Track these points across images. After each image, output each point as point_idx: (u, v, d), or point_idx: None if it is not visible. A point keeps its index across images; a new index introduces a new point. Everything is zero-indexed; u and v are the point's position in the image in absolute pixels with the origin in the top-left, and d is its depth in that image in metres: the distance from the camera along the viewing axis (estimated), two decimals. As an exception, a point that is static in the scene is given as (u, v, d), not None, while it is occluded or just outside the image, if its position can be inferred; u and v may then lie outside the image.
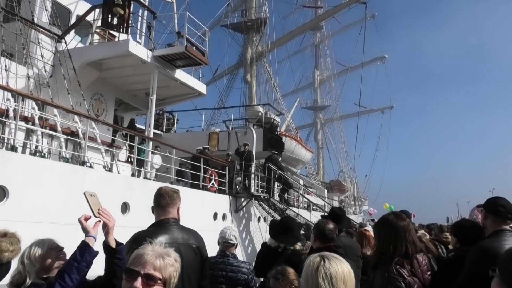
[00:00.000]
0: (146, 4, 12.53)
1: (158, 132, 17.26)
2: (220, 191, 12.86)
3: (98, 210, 2.31)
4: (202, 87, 14.14)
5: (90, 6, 11.86)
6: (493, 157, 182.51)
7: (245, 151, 14.75)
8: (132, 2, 11.05)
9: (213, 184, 12.71)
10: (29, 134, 8.35)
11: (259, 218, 14.30)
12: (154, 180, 10.63)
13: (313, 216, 16.14)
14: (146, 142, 11.31)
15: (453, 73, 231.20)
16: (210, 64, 18.60)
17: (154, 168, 11.08)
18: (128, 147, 12.60)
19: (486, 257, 2.56)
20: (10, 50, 9.51)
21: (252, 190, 14.13)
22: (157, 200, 2.86)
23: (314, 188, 28.67)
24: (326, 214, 5.93)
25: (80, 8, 11.94)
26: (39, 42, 9.98)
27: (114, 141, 11.96)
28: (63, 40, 10.61)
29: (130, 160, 12.05)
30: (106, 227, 2.31)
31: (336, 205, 26.82)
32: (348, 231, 10.16)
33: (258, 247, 5.77)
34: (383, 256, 2.55)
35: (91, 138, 9.26)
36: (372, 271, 2.63)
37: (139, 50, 11.15)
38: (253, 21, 28.68)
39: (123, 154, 12.79)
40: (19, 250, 2.61)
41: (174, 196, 2.87)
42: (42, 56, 9.87)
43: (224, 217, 12.31)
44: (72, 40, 11.25)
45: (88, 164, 8.33)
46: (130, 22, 11.18)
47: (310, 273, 1.77)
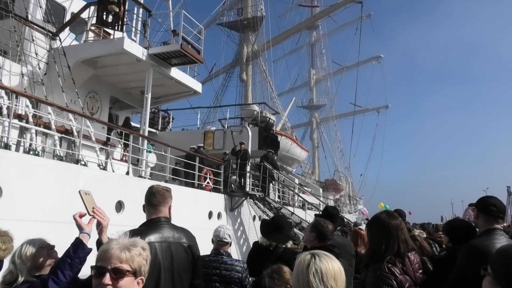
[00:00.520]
0: (142, 2, 12.48)
1: (153, 130, 17.23)
2: (215, 190, 12.86)
3: (93, 208, 2.33)
4: (197, 86, 14.12)
5: (85, 3, 11.81)
6: (486, 156, 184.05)
7: (241, 150, 14.75)
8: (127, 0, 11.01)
9: (208, 182, 12.71)
10: (23, 132, 8.31)
11: (254, 217, 14.32)
12: (149, 178, 10.61)
13: (308, 215, 16.21)
14: (141, 140, 11.27)
15: (446, 71, 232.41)
16: (205, 62, 18.63)
17: (149, 166, 11.07)
18: (123, 146, 12.55)
19: (477, 256, 2.60)
20: (4, 48, 9.45)
21: (247, 189, 14.15)
22: (148, 198, 2.82)
23: (309, 187, 28.73)
24: (320, 213, 5.94)
25: (74, 5, 11.87)
26: (33, 40, 9.92)
27: (108, 139, 11.91)
28: (58, 37, 10.55)
29: (125, 158, 12.01)
30: (100, 226, 2.32)
31: (331, 204, 26.85)
32: (343, 230, 10.22)
33: (253, 246, 5.76)
34: (375, 254, 2.57)
35: (86, 136, 9.22)
36: (364, 270, 2.65)
37: (134, 48, 11.10)
38: (249, 19, 28.65)
39: (118, 152, 12.75)
40: (11, 249, 2.60)
41: (166, 194, 2.84)
42: (36, 53, 9.81)
43: (219, 215, 12.32)
44: (66, 37, 11.18)
45: (82, 162, 8.30)
46: (125, 20, 11.14)
47: (301, 270, 1.79)
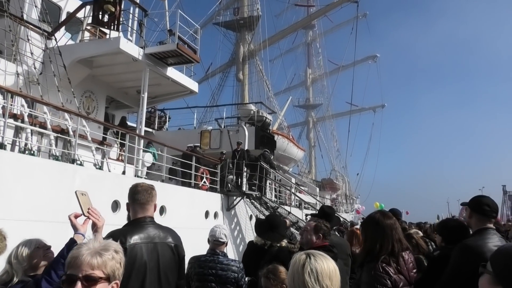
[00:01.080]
0: (137, 1, 12.46)
1: (150, 130, 17.21)
2: (212, 189, 12.86)
3: (88, 209, 2.32)
4: (194, 85, 14.11)
5: (80, 3, 11.76)
6: (482, 155, 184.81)
7: (238, 149, 14.75)
8: (123, -1, 10.99)
9: (204, 182, 12.70)
10: (18, 131, 8.27)
11: (251, 216, 14.32)
12: (145, 178, 10.60)
13: (304, 214, 16.22)
14: (137, 140, 11.26)
15: (442, 69, 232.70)
16: (202, 62, 18.60)
17: (145, 166, 11.05)
18: (119, 145, 12.53)
19: (471, 255, 2.62)
20: (-1, 47, 9.42)
21: (244, 188, 14.16)
22: (134, 196, 2.75)
23: (306, 186, 28.76)
24: (316, 212, 5.96)
25: (70, 5, 11.82)
26: (29, 39, 9.88)
27: (105, 139, 11.88)
28: (53, 37, 10.50)
29: (121, 158, 11.99)
30: (95, 226, 2.32)
31: (328, 203, 26.90)
32: (339, 229, 10.28)
33: (249, 246, 5.77)
34: (370, 254, 2.59)
35: (82, 136, 9.20)
36: (359, 269, 2.67)
37: (130, 47, 11.08)
38: (245, 19, 28.65)
39: (114, 152, 12.72)
40: (5, 247, 2.61)
41: (153, 193, 2.81)
42: (32, 53, 9.77)
43: (215, 215, 12.32)
44: (62, 37, 11.15)
45: (78, 162, 8.28)
46: (121, 19, 11.12)
47: (297, 270, 1.80)
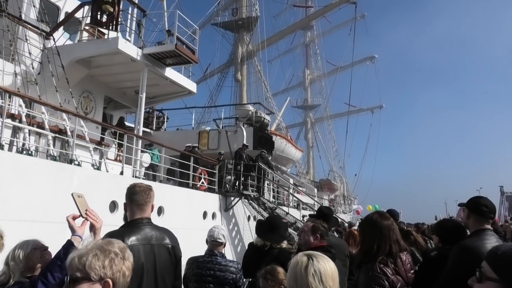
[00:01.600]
0: (136, 1, 12.44)
1: (148, 130, 17.19)
2: (210, 190, 12.85)
3: (86, 211, 2.32)
4: (192, 86, 14.11)
5: (79, 3, 11.75)
6: (480, 155, 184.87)
7: (243, 151, 14.75)
8: (121, -1, 10.97)
9: (203, 183, 12.69)
10: (16, 131, 8.24)
11: (249, 217, 14.32)
12: (143, 178, 10.58)
13: (302, 215, 16.24)
14: (135, 140, 11.23)
15: (439, 69, 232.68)
16: (200, 62, 18.63)
17: (143, 166, 11.03)
18: (117, 145, 12.50)
19: (469, 256, 2.62)
20: (-3, 47, 9.39)
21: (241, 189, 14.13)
22: (132, 197, 2.73)
23: (304, 187, 28.78)
24: (314, 213, 5.96)
25: (69, 5, 11.80)
26: (27, 39, 9.85)
27: (103, 139, 11.86)
28: (52, 37, 10.48)
29: (119, 158, 11.97)
30: (93, 228, 2.32)
31: (326, 204, 26.91)
32: (338, 230, 10.29)
33: (247, 246, 5.77)
34: (367, 255, 2.59)
35: (80, 136, 9.17)
36: (356, 270, 2.67)
37: (129, 48, 11.06)
38: (243, 19, 28.67)
39: (112, 152, 12.70)
40: (2, 246, 2.61)
41: (151, 193, 2.80)
42: (30, 53, 9.75)
43: (213, 216, 12.31)
44: (60, 37, 11.12)
45: (76, 162, 8.26)
46: (120, 19, 11.10)
47: (299, 272, 1.79)
